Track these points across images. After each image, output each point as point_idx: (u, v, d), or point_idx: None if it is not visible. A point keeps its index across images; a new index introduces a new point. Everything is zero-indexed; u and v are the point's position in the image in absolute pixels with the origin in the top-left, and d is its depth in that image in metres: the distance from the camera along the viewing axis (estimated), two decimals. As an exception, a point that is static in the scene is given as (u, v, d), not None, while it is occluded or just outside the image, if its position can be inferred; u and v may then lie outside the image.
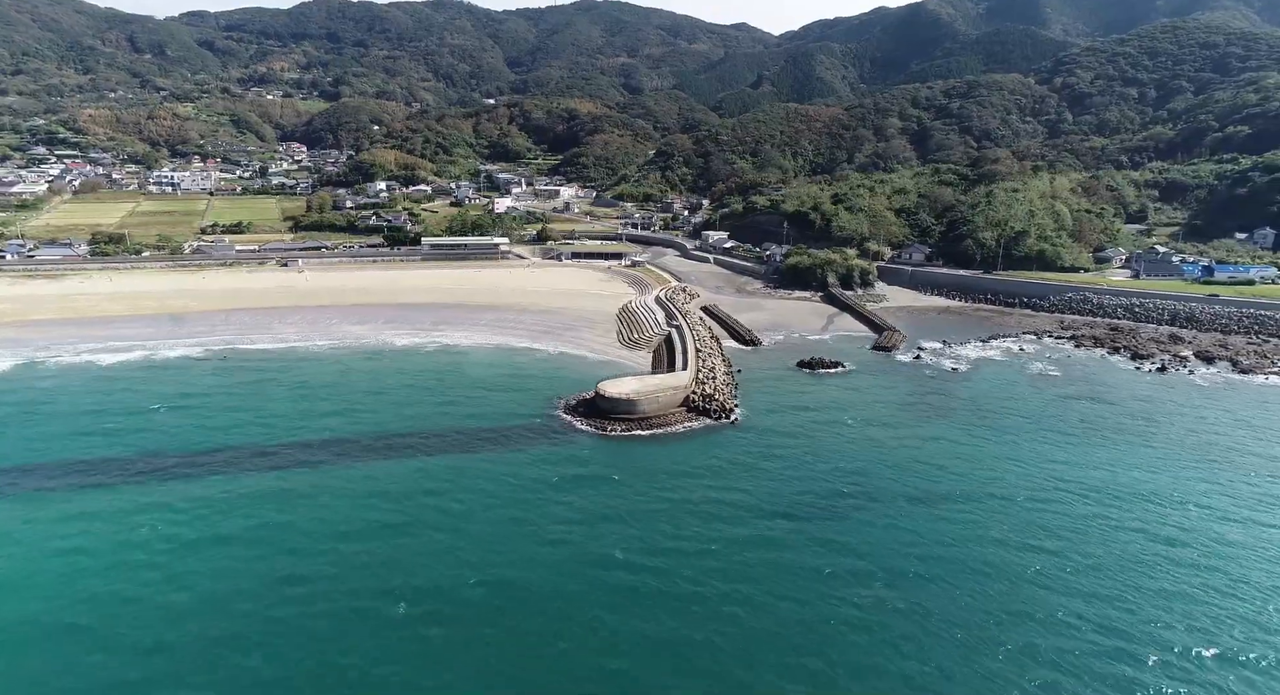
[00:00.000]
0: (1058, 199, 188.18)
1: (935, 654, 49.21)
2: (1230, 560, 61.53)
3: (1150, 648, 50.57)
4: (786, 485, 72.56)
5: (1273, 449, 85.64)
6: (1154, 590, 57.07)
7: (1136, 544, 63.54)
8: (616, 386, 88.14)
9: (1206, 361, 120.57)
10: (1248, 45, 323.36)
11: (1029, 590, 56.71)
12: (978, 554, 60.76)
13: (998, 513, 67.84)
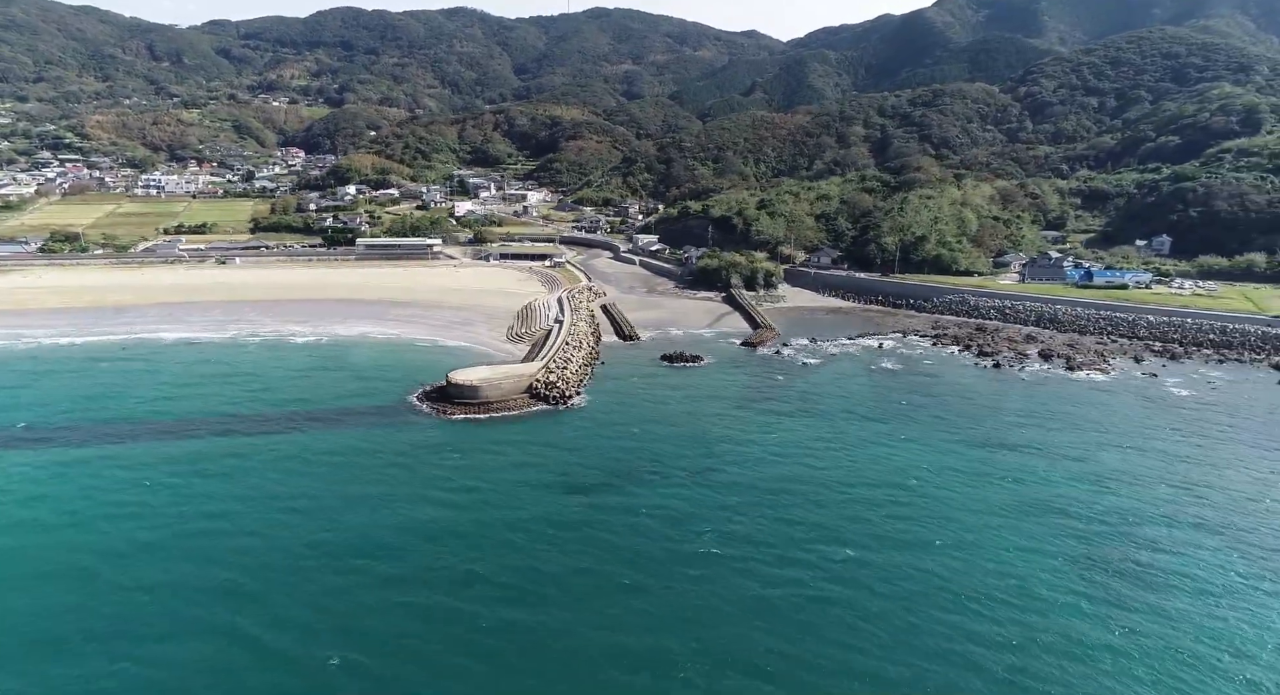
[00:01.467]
0: (967, 206, 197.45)
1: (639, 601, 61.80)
2: (922, 508, 73.93)
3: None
4: (584, 460, 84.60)
5: (1033, 434, 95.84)
6: (846, 532, 69.53)
7: (857, 502, 75.84)
8: (464, 375, 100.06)
9: (1045, 359, 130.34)
10: (1207, 56, 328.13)
11: (752, 549, 68.90)
12: (720, 517, 72.19)
13: (751, 487, 78.87)
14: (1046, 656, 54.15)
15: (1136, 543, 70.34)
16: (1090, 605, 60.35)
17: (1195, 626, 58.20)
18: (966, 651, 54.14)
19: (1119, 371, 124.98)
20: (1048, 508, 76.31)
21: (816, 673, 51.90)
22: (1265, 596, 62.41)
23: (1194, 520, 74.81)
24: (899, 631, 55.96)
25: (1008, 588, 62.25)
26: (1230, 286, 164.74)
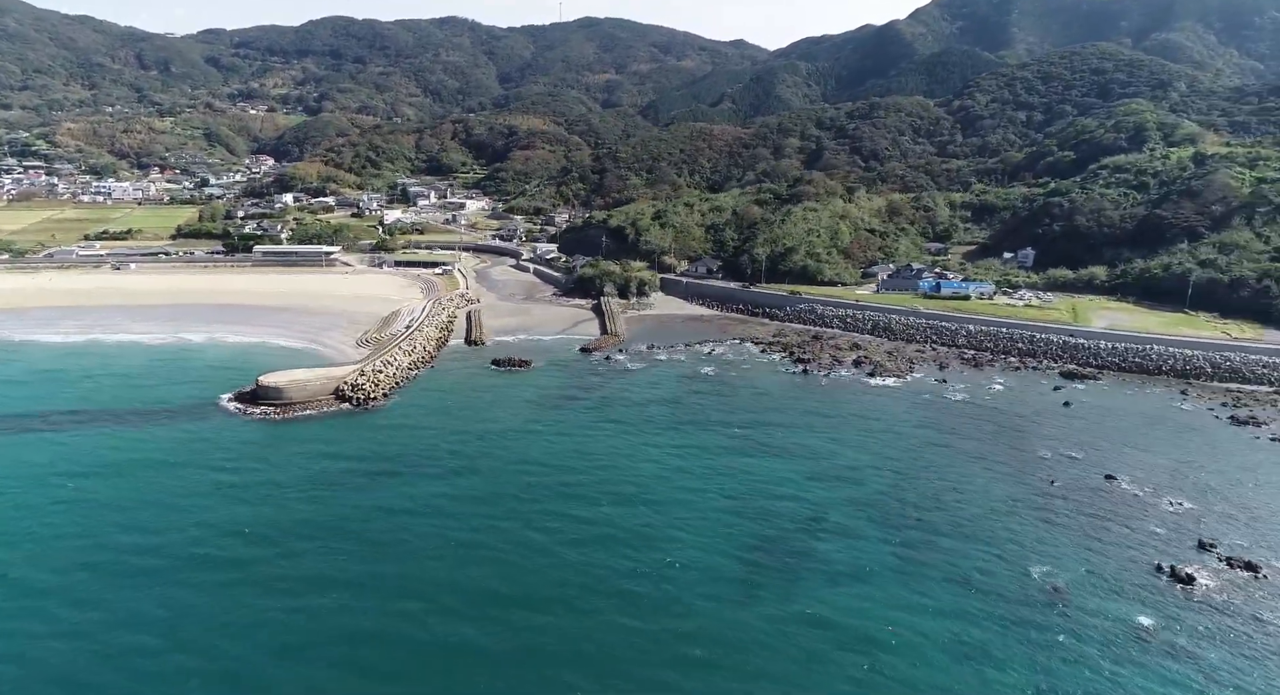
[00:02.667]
0: (846, 219, 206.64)
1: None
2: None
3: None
4: (347, 453, 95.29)
5: (789, 434, 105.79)
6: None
7: (574, 496, 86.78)
8: (273, 377, 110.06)
9: (855, 366, 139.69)
10: (1131, 72, 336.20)
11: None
12: (440, 507, 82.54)
13: (494, 478, 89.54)
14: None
15: (803, 531, 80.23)
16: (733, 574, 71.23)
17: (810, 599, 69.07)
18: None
19: (915, 378, 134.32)
20: (745, 499, 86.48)
21: (464, 593, 63.18)
22: (889, 583, 71.92)
23: (868, 515, 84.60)
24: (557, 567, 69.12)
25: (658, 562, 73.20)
26: (1068, 298, 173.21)
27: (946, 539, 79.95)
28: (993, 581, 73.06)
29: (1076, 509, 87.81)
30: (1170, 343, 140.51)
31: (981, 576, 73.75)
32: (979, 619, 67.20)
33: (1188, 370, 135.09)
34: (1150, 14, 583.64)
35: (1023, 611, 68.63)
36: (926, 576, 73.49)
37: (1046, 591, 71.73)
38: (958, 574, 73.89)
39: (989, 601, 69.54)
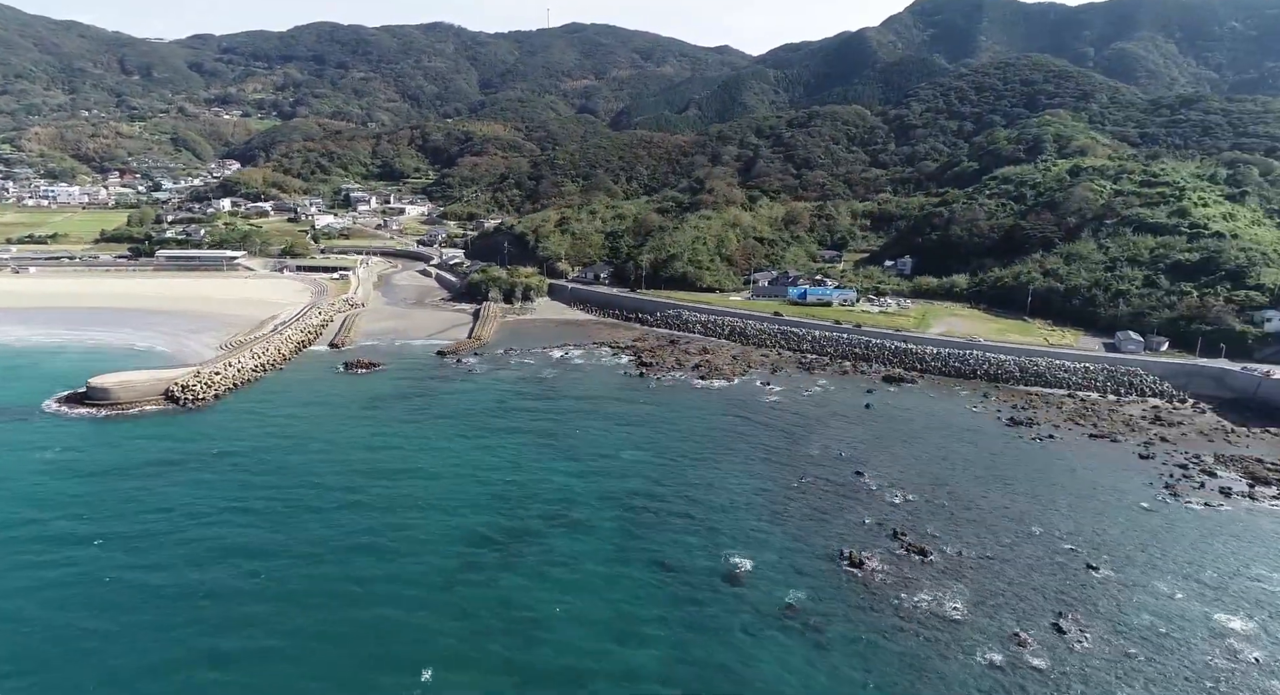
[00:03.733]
0: (737, 226, 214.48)
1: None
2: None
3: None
4: (147, 449, 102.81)
5: (590, 431, 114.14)
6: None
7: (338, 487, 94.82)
8: (100, 379, 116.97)
9: (693, 369, 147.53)
10: (1059, 83, 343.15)
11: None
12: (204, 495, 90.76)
13: (277, 472, 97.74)
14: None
15: (545, 522, 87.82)
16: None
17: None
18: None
19: (743, 381, 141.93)
20: (507, 492, 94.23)
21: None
22: (592, 570, 79.79)
23: (614, 508, 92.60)
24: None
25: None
26: (929, 304, 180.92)
27: (670, 530, 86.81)
28: (686, 568, 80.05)
29: (808, 502, 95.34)
30: (988, 348, 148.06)
31: (680, 563, 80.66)
32: (650, 601, 73.98)
33: (999, 374, 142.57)
34: (1114, 23, 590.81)
35: (695, 593, 76.04)
36: (631, 563, 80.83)
37: (728, 576, 79.19)
38: (660, 561, 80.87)
39: (671, 585, 76.49)
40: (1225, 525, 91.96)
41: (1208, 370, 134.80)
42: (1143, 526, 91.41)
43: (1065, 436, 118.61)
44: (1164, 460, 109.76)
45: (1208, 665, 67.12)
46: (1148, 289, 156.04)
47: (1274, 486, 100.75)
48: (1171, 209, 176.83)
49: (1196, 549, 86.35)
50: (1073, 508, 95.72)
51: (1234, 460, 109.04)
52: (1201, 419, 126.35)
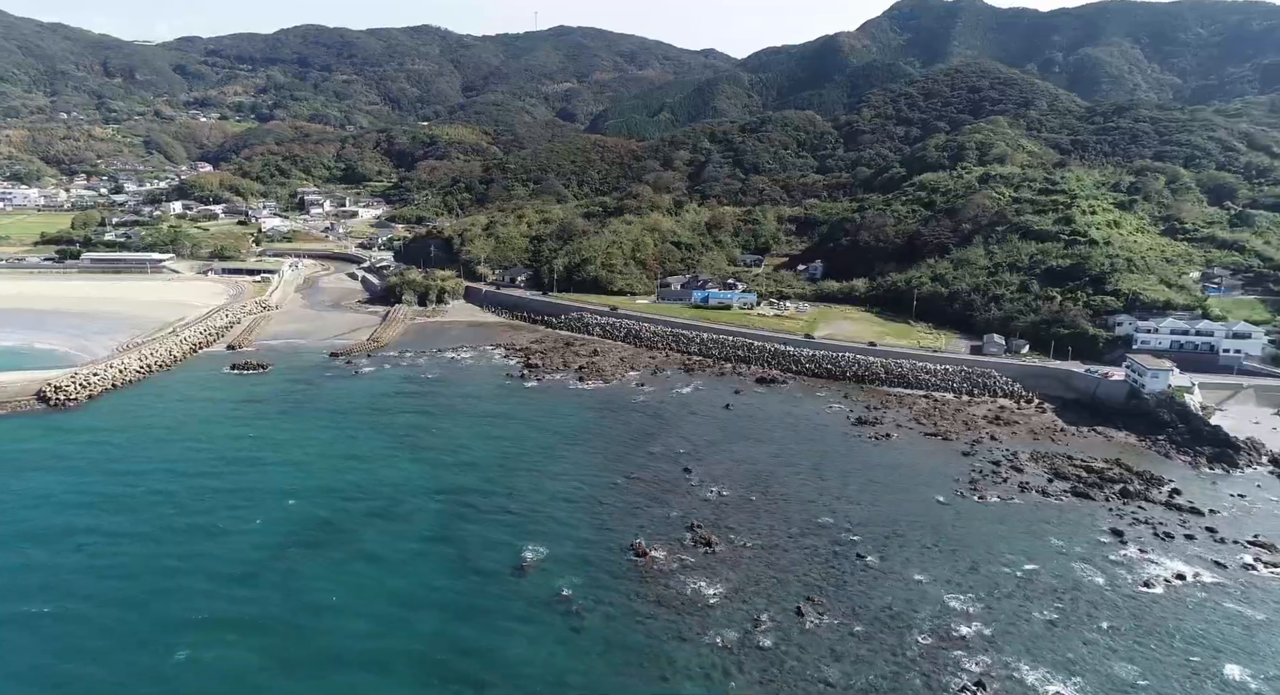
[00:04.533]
0: (655, 232, 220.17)
1: None
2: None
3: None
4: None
5: (443, 434, 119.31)
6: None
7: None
8: None
9: (577, 371, 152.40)
10: (1003, 91, 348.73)
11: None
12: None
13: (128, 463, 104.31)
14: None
15: (366, 516, 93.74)
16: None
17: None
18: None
19: (620, 382, 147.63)
20: (340, 486, 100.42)
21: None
22: (389, 561, 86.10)
23: (433, 504, 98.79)
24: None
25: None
26: (828, 308, 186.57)
27: (483, 523, 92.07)
28: (481, 559, 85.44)
29: (625, 497, 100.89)
30: (858, 351, 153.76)
31: (477, 555, 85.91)
32: (433, 591, 78.88)
33: (865, 376, 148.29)
34: (1083, 29, 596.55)
35: (480, 583, 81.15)
36: (429, 555, 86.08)
37: (517, 566, 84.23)
38: (460, 553, 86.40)
39: (461, 575, 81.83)
40: (1006, 517, 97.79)
41: (1056, 372, 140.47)
42: (930, 519, 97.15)
43: (902, 435, 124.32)
44: (983, 457, 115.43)
45: (917, 642, 73.05)
46: (1020, 294, 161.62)
47: (1070, 481, 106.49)
48: (1058, 216, 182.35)
49: (967, 539, 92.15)
50: (874, 501, 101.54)
51: (1046, 457, 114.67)
52: (1039, 418, 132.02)
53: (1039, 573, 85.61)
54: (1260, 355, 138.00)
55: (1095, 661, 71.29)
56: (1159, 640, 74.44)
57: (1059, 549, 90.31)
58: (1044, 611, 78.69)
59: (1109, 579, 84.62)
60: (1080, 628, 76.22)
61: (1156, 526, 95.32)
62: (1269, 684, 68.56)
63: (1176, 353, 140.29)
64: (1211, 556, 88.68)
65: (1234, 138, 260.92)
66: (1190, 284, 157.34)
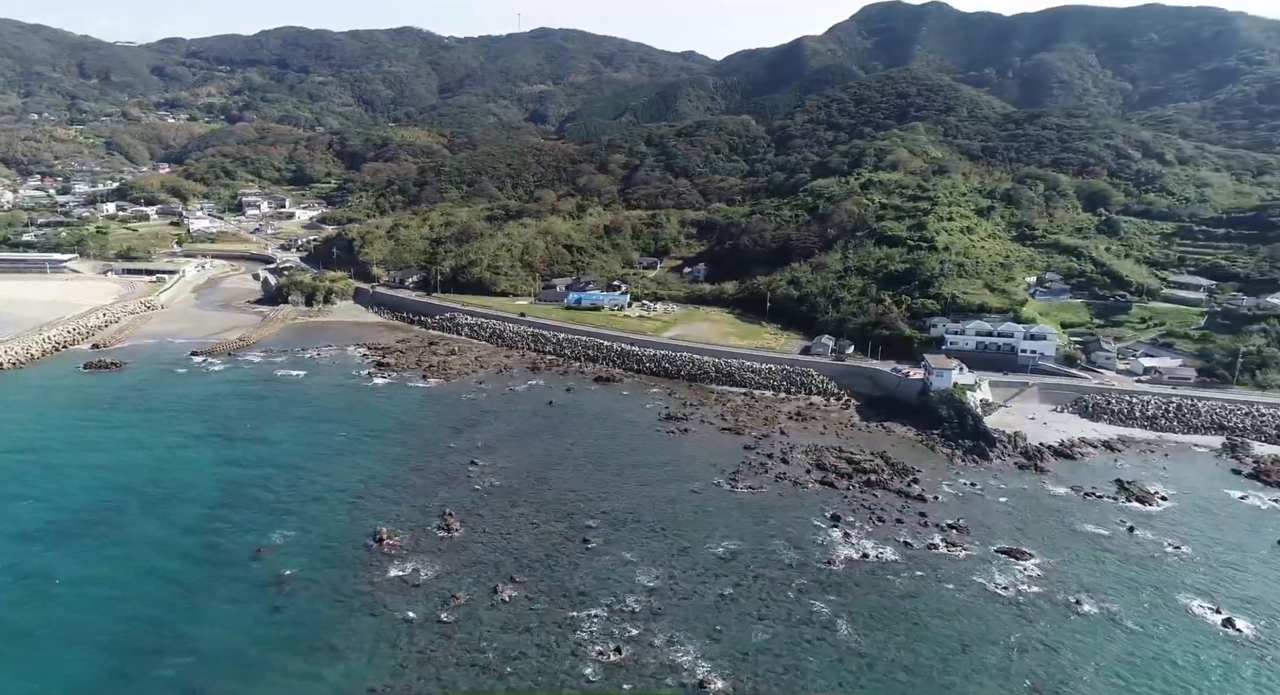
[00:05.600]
0: (549, 235, 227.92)
1: None
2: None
3: None
4: None
5: (255, 428, 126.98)
6: None
7: None
8: None
9: (426, 369, 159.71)
10: (929, 97, 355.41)
11: None
12: None
13: None
14: None
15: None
16: None
17: None
18: None
19: (462, 380, 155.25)
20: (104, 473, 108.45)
21: None
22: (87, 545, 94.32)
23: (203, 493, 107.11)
24: None
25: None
26: (696, 309, 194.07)
27: (246, 513, 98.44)
28: (223, 546, 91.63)
29: (399, 488, 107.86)
30: (694, 351, 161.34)
31: (221, 543, 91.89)
32: (159, 575, 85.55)
33: (697, 374, 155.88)
34: (1042, 34, 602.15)
35: (210, 568, 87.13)
36: (170, 546, 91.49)
37: (254, 553, 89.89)
38: (207, 541, 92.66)
39: (196, 561, 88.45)
40: (746, 505, 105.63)
41: (867, 371, 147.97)
42: (675, 506, 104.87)
43: (701, 430, 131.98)
44: (762, 450, 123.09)
45: (588, 615, 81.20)
46: (860, 297, 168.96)
47: (826, 472, 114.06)
48: (913, 223, 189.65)
49: (695, 524, 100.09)
50: (635, 491, 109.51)
51: (820, 450, 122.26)
52: (840, 414, 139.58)
53: (741, 553, 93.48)
54: (1054, 356, 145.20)
55: (739, 630, 79.08)
56: (805, 609, 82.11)
57: (772, 532, 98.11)
58: (723, 588, 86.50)
59: (800, 557, 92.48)
60: (744, 601, 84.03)
61: (876, 512, 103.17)
62: (876, 648, 76.24)
63: (981, 353, 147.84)
64: (905, 538, 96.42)
65: (1130, 146, 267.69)
66: (1014, 288, 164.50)
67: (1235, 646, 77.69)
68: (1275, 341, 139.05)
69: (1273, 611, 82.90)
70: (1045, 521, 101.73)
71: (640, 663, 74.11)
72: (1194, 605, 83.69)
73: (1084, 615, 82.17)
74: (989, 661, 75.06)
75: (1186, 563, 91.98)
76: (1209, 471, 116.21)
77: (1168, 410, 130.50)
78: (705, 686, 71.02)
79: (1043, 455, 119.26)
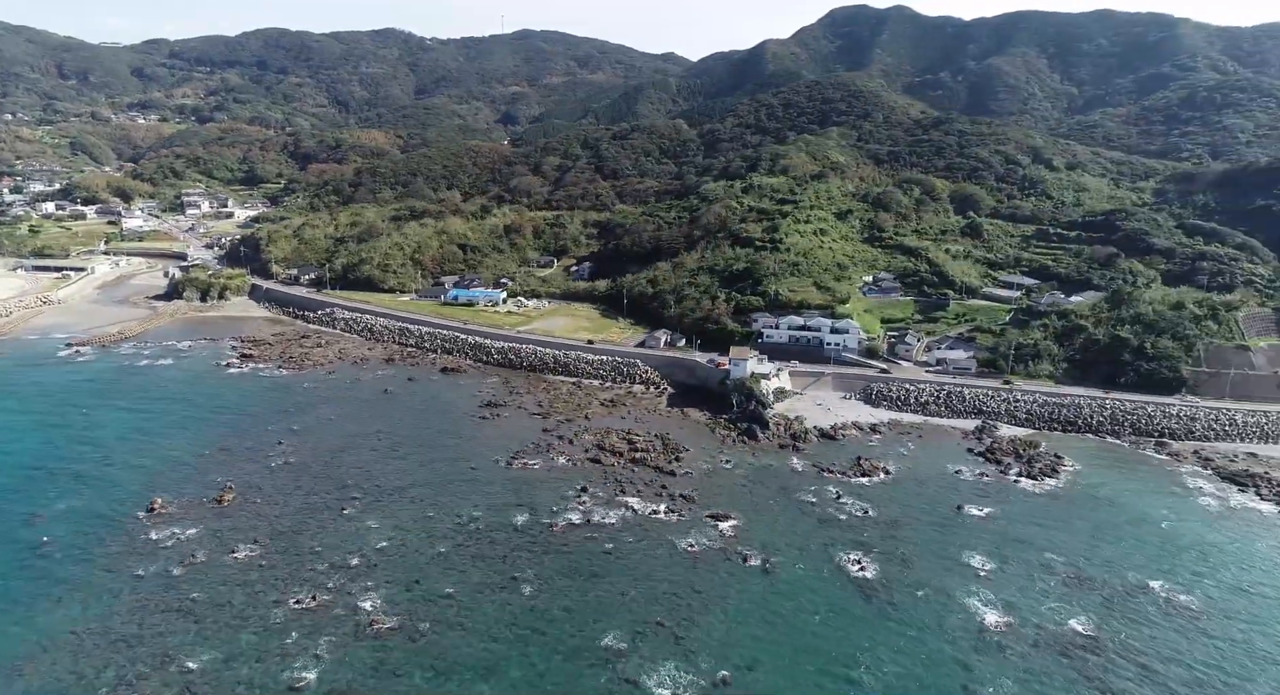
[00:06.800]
0: (445, 235, 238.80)
1: None
2: None
3: None
4: None
5: (90, 413, 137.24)
6: None
7: None
8: None
9: (286, 361, 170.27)
10: (851, 103, 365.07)
11: None
12: None
13: None
14: None
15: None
16: None
17: None
18: None
19: (315, 370, 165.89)
20: None
21: None
22: None
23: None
24: None
25: None
26: (567, 305, 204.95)
27: (42, 486, 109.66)
28: (3, 514, 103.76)
29: (200, 464, 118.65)
30: (539, 344, 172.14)
31: (3, 511, 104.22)
32: None
33: (537, 365, 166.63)
34: (996, 38, 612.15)
35: None
36: None
37: (28, 519, 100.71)
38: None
39: None
40: (513, 480, 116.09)
41: (687, 362, 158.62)
42: (444, 482, 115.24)
43: (512, 416, 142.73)
44: (557, 433, 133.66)
45: (314, 569, 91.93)
46: (703, 294, 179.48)
47: (603, 451, 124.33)
48: (769, 225, 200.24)
49: (452, 496, 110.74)
50: (417, 468, 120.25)
51: (610, 433, 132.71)
52: (650, 401, 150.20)
53: (479, 520, 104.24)
54: (857, 348, 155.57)
55: (435, 581, 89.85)
56: (508, 565, 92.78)
57: (520, 501, 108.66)
58: (443, 547, 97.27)
59: (530, 523, 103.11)
60: (455, 558, 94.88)
61: (623, 484, 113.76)
62: (548, 595, 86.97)
63: (793, 345, 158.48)
64: (635, 507, 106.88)
65: (1021, 152, 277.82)
66: (841, 287, 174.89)
67: (857, 590, 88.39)
68: (1051, 336, 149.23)
69: (909, 566, 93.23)
70: (767, 492, 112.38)
71: (328, 608, 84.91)
72: (846, 558, 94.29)
73: (745, 567, 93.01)
74: (637, 604, 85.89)
75: (862, 523, 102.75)
76: (948, 450, 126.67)
77: (939, 397, 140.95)
78: (375, 625, 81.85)
79: (806, 437, 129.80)
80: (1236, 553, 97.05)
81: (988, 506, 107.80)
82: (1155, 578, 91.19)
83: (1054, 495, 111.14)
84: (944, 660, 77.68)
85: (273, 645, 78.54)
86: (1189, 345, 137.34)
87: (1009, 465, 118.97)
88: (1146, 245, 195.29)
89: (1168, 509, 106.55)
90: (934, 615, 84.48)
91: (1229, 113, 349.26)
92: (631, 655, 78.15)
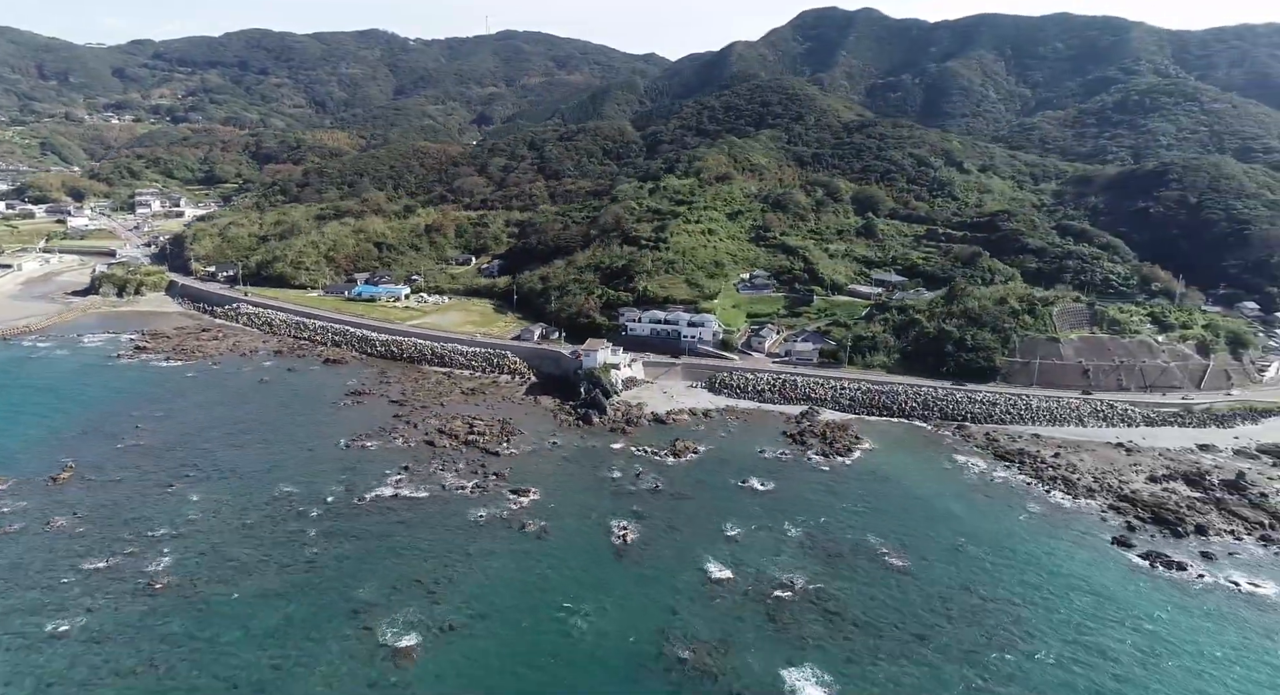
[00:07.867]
0: (362, 233, 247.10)
1: None
2: None
3: None
4: None
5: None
6: None
7: None
8: None
9: (178, 353, 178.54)
10: (787, 106, 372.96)
11: None
12: None
13: None
14: None
15: None
16: None
17: None
18: None
19: (203, 361, 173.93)
20: None
21: None
22: None
23: None
24: None
25: None
26: (465, 301, 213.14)
27: None
28: None
29: (49, 446, 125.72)
30: (420, 337, 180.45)
31: None
32: None
33: (418, 357, 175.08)
34: (957, 40, 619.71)
35: None
36: None
37: None
38: None
39: None
40: (344, 460, 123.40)
41: (553, 354, 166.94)
42: (275, 462, 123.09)
43: (373, 403, 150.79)
44: (407, 419, 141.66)
45: (145, 535, 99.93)
46: (582, 290, 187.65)
47: (441, 435, 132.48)
48: (657, 225, 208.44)
49: (278, 473, 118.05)
50: (262, 451, 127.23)
51: (454, 418, 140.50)
52: (510, 390, 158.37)
53: (294, 495, 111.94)
54: (712, 341, 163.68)
55: (228, 547, 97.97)
56: (302, 533, 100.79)
57: (340, 478, 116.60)
58: (251, 519, 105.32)
59: (341, 496, 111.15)
60: (256, 527, 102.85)
61: (445, 463, 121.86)
62: (327, 558, 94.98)
63: (655, 338, 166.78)
64: (447, 483, 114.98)
65: (935, 154, 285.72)
66: (711, 284, 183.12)
67: (613, 552, 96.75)
68: (890, 329, 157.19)
69: (673, 532, 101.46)
70: (579, 469, 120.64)
71: (118, 570, 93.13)
72: (617, 526, 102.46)
73: (521, 533, 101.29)
74: (406, 564, 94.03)
75: (651, 496, 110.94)
76: (765, 432, 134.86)
77: (775, 386, 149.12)
78: (153, 584, 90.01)
79: (639, 421, 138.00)
80: (967, 518, 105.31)
81: (772, 482, 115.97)
82: (884, 539, 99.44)
83: (836, 471, 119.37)
84: (658, 607, 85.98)
85: (50, 601, 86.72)
86: (1005, 337, 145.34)
87: (810, 445, 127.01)
88: (1021, 245, 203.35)
89: (934, 482, 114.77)
90: (669, 572, 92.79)
91: (1155, 116, 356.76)
92: (379, 606, 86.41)
